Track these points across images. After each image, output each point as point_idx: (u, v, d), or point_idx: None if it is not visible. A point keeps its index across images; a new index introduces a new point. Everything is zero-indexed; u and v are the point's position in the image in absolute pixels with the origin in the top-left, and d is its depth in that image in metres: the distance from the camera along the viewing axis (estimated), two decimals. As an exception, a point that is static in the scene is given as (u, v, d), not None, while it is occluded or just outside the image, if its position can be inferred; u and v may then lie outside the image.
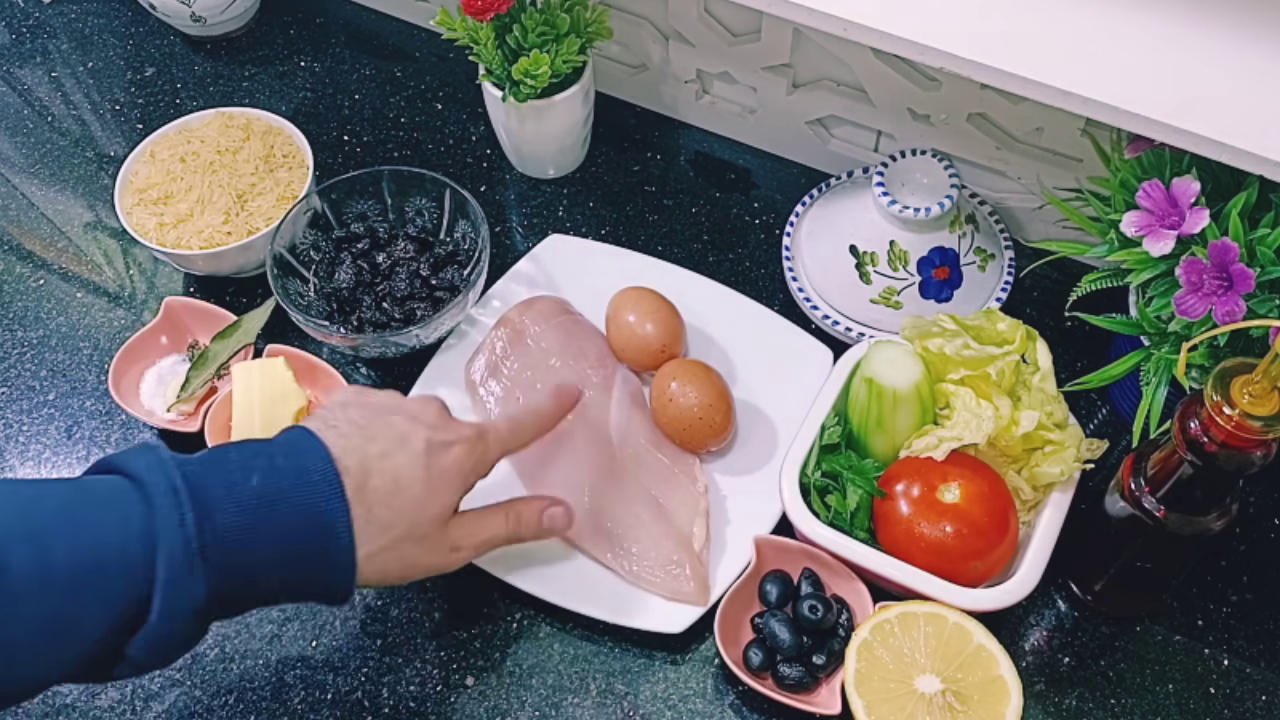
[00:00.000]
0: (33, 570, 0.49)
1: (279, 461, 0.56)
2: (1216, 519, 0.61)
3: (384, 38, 1.03)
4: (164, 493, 0.52)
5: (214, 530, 0.53)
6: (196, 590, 0.52)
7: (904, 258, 0.78)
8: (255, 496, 0.54)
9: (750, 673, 0.67)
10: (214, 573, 0.53)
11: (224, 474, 0.55)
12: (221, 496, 0.53)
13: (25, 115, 1.00)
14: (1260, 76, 0.60)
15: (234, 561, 0.53)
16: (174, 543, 0.51)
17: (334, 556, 0.56)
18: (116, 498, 0.53)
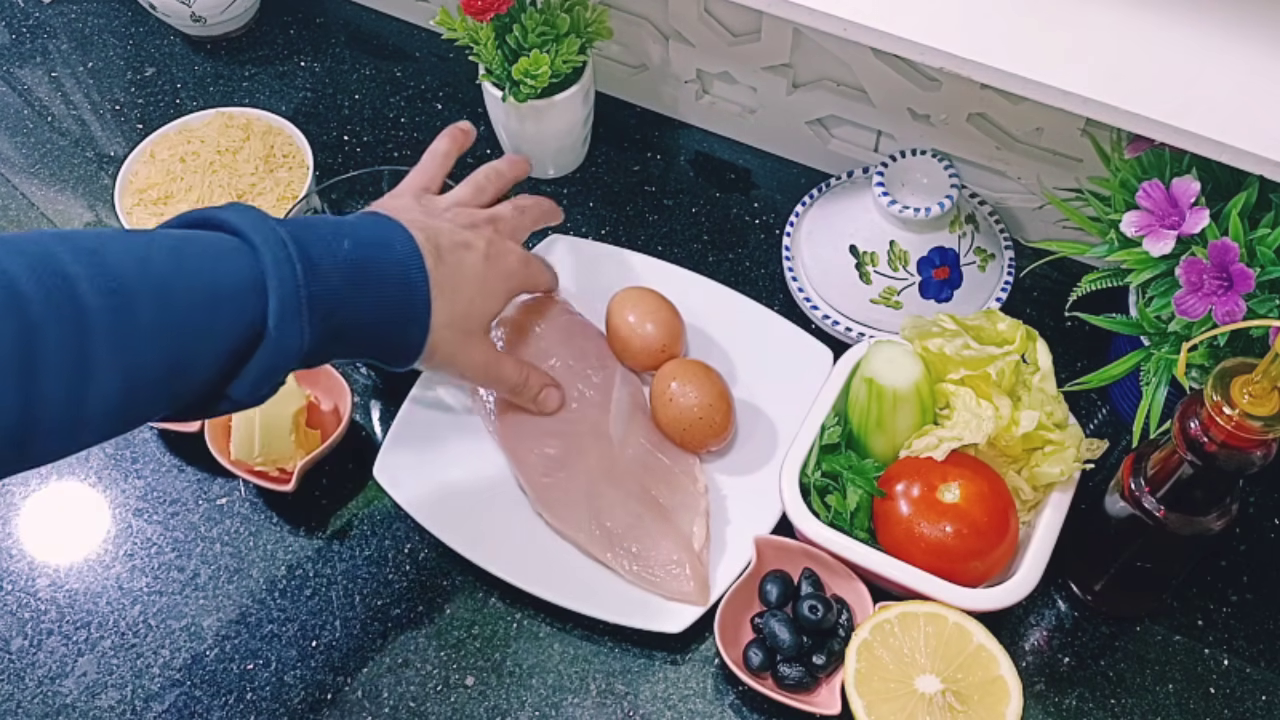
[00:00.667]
0: (158, 315, 0.52)
1: (363, 234, 0.61)
2: (1216, 519, 0.61)
3: (384, 38, 1.03)
4: (274, 245, 0.56)
5: (318, 280, 0.57)
6: (302, 334, 0.57)
7: (904, 258, 0.78)
8: (349, 257, 0.59)
9: (750, 673, 0.67)
10: (317, 320, 0.57)
11: (318, 236, 0.59)
12: (321, 253, 0.58)
13: (25, 115, 1.00)
14: (1261, 76, 0.60)
15: (334, 310, 0.58)
16: (285, 289, 0.56)
17: (415, 316, 0.63)
18: (227, 249, 0.56)
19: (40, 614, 0.74)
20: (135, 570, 0.75)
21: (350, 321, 0.59)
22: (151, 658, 0.72)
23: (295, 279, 0.56)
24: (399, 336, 0.63)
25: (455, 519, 0.73)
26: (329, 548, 0.75)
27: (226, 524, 0.77)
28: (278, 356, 0.56)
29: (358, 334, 0.60)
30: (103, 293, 0.50)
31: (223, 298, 0.54)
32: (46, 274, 0.49)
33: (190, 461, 0.79)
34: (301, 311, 0.56)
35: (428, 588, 0.73)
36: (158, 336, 0.52)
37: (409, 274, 0.62)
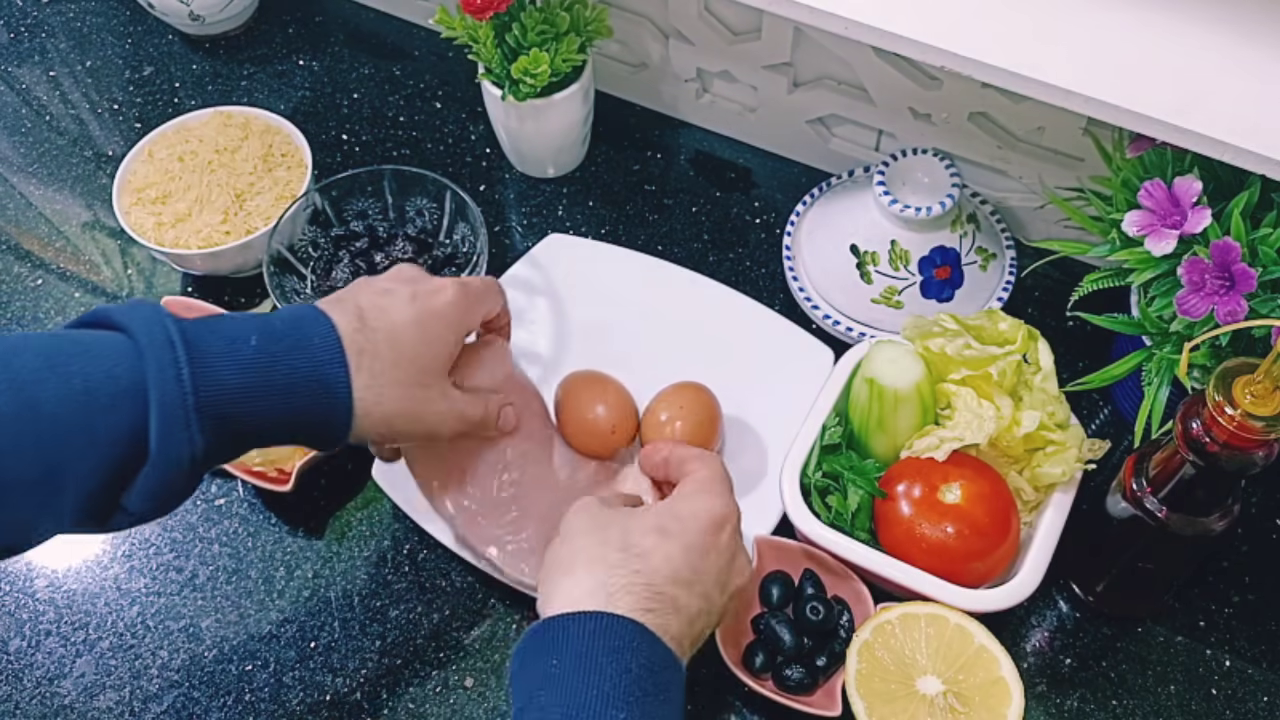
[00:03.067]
0: (19, 420, 0.48)
1: (277, 325, 0.56)
2: (1218, 520, 0.61)
3: (383, 37, 1.03)
4: (158, 345, 0.52)
5: (210, 385, 0.52)
6: (192, 444, 0.52)
7: (905, 257, 0.78)
8: (254, 354, 0.54)
9: (751, 674, 0.66)
10: (211, 426, 0.52)
11: (221, 333, 0.54)
12: (220, 352, 0.53)
13: (23, 114, 0.99)
14: (1262, 76, 0.60)
15: (232, 415, 0.53)
16: (168, 396, 0.51)
17: (334, 403, 0.56)
18: (107, 349, 0.52)
19: (38, 615, 0.73)
20: (133, 571, 0.75)
21: (254, 423, 0.54)
22: (150, 658, 0.71)
23: (180, 384, 0.51)
24: (319, 426, 0.57)
25: (454, 519, 0.72)
26: (328, 548, 0.75)
27: (225, 524, 0.76)
28: (165, 468, 0.51)
29: (267, 433, 0.55)
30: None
31: (97, 404, 0.50)
32: None
33: (189, 462, 0.79)
34: (188, 419, 0.51)
35: (427, 588, 0.73)
36: (19, 445, 0.48)
37: (325, 365, 0.56)
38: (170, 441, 0.51)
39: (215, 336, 0.54)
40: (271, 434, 0.56)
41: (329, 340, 0.56)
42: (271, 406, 0.54)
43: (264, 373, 0.54)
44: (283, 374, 0.54)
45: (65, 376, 0.50)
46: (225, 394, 0.53)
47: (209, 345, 0.53)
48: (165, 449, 0.51)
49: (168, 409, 0.51)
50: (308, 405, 0.55)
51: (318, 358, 0.56)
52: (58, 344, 0.51)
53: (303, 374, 0.55)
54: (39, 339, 0.52)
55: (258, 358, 0.54)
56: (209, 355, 0.53)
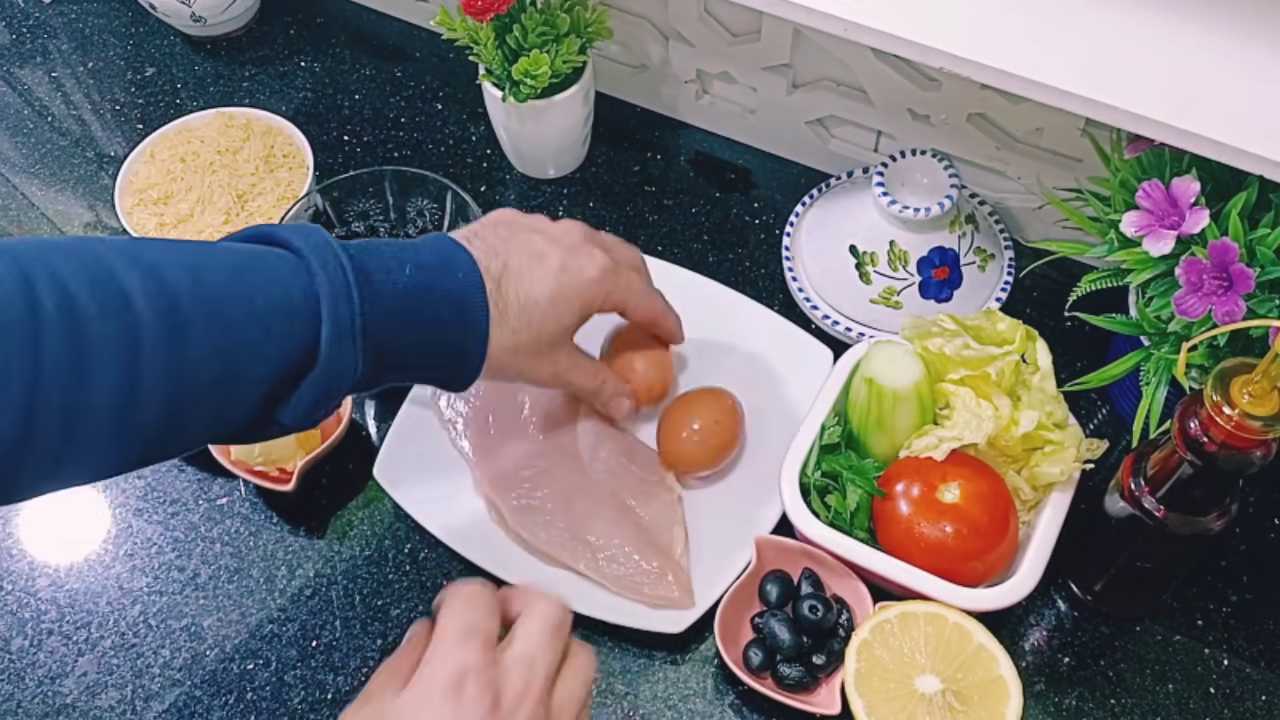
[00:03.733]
0: (209, 333, 0.51)
1: (427, 257, 0.59)
2: (1216, 519, 0.61)
3: (384, 38, 1.03)
4: (332, 269, 0.55)
5: (375, 308, 0.55)
6: (355, 363, 0.55)
7: (904, 258, 0.78)
8: (409, 284, 0.57)
9: (750, 672, 0.67)
10: (371, 347, 0.56)
11: (381, 260, 0.57)
12: (381, 280, 0.56)
13: (25, 115, 1.00)
14: (1260, 76, 0.60)
15: (388, 338, 0.56)
16: (340, 316, 0.54)
17: (470, 348, 0.60)
18: (284, 269, 0.54)
19: (40, 614, 0.74)
20: (135, 570, 0.75)
21: (402, 350, 0.58)
22: (151, 657, 0.72)
23: (351, 305, 0.55)
24: (452, 366, 0.61)
25: (455, 519, 0.73)
26: (329, 548, 0.75)
27: (227, 524, 0.77)
28: (330, 383, 0.55)
29: (410, 362, 0.59)
30: (158, 310, 0.50)
31: (275, 320, 0.53)
32: (103, 287, 0.49)
33: (190, 461, 0.79)
34: (355, 339, 0.55)
35: (428, 588, 0.73)
36: (208, 355, 0.51)
37: (466, 303, 0.60)
38: (336, 360, 0.54)
39: (375, 262, 0.57)
40: (414, 360, 0.59)
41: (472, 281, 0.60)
42: (419, 333, 0.58)
43: (419, 298, 0.58)
44: (433, 306, 0.58)
45: (248, 295, 0.53)
46: (386, 316, 0.56)
47: (373, 269, 0.56)
48: (331, 366, 0.54)
49: (339, 329, 0.54)
50: (449, 337, 0.59)
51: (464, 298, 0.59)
52: (240, 260, 0.54)
53: (450, 308, 0.59)
54: (222, 254, 0.54)
55: (412, 286, 0.57)
56: (374, 279, 0.56)
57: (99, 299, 0.48)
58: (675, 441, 0.73)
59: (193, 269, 0.52)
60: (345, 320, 0.54)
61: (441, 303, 0.58)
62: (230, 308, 0.52)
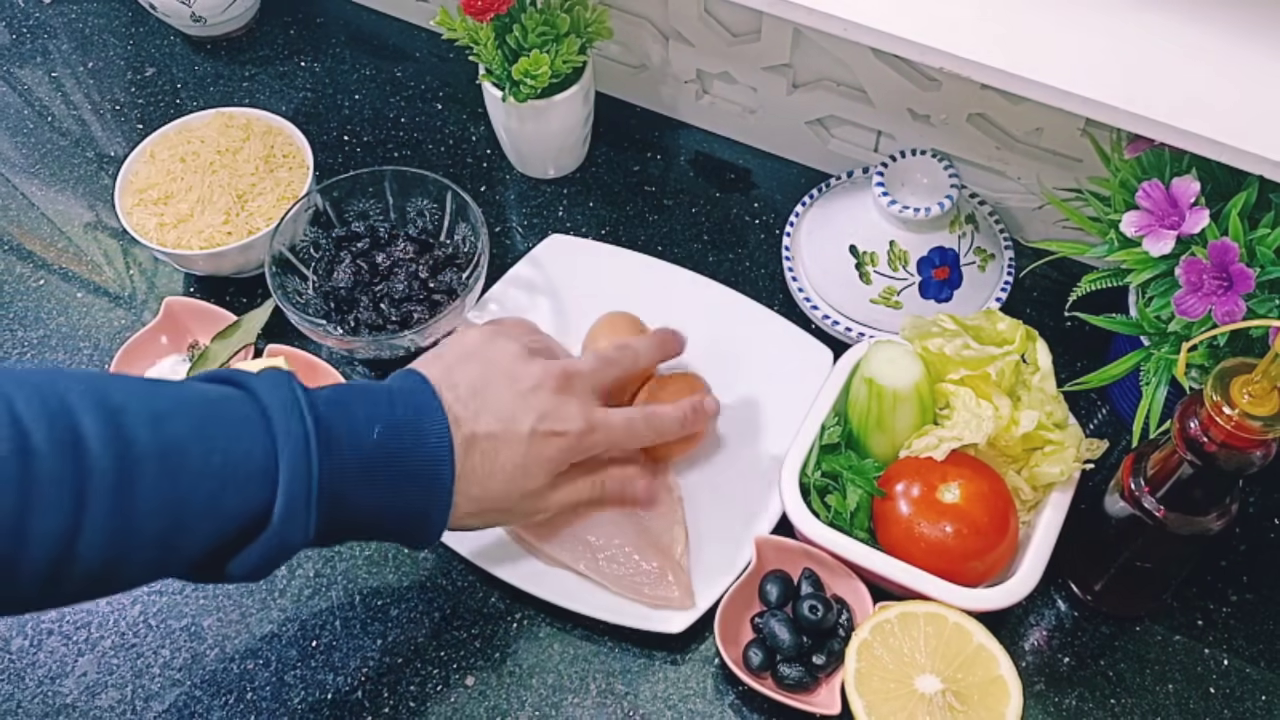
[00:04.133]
0: (161, 486, 0.50)
1: (400, 415, 0.58)
2: (1216, 519, 0.61)
3: (384, 38, 1.03)
4: (295, 437, 0.54)
5: (334, 478, 0.54)
6: (307, 529, 0.54)
7: (904, 258, 0.78)
8: (375, 449, 0.56)
9: (750, 673, 0.67)
10: (325, 511, 0.55)
11: (349, 421, 0.56)
12: (345, 445, 0.55)
13: (25, 115, 1.00)
14: (1260, 76, 0.60)
15: (344, 504, 0.55)
16: (296, 485, 0.53)
17: (431, 518, 0.59)
18: (247, 427, 0.54)
19: (40, 614, 0.74)
20: (135, 570, 0.75)
21: (360, 515, 0.57)
22: (151, 657, 0.72)
23: (309, 477, 0.53)
24: (412, 531, 0.60)
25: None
26: (329, 547, 0.75)
27: (226, 524, 0.77)
28: (280, 548, 0.54)
29: (367, 526, 0.58)
30: (111, 456, 0.49)
31: (231, 480, 0.52)
32: (59, 427, 0.48)
33: (190, 461, 0.79)
34: (310, 508, 0.54)
35: (428, 588, 0.73)
36: (157, 508, 0.50)
37: (432, 471, 0.58)
38: (290, 523, 0.53)
39: (343, 424, 0.56)
40: (370, 525, 0.58)
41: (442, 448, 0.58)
42: (379, 499, 0.57)
43: (382, 466, 0.56)
44: (396, 473, 0.57)
45: (208, 450, 0.52)
46: (344, 486, 0.55)
47: (338, 433, 0.55)
48: (284, 529, 0.53)
49: (293, 497, 0.53)
50: (409, 505, 0.58)
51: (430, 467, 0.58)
52: (206, 413, 0.53)
53: (413, 477, 0.58)
54: (190, 404, 0.53)
55: (377, 452, 0.56)
56: (335, 447, 0.55)
57: (53, 438, 0.47)
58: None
59: (154, 416, 0.51)
60: (301, 491, 0.53)
61: (406, 471, 0.57)
62: (187, 461, 0.51)
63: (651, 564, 0.70)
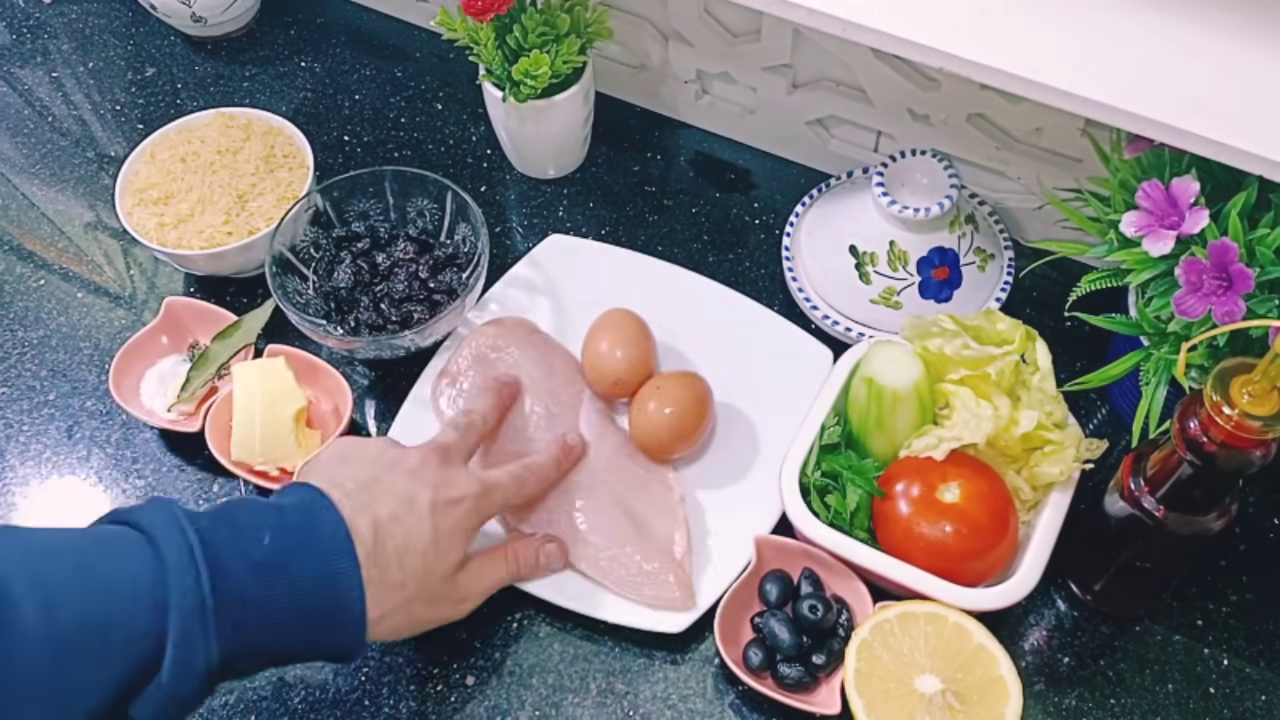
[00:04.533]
0: (40, 622, 0.49)
1: (289, 519, 0.57)
2: (1216, 519, 0.61)
3: (384, 38, 1.04)
4: (178, 550, 0.52)
5: (227, 588, 0.53)
6: (209, 649, 0.52)
7: (903, 258, 0.78)
8: (267, 555, 0.55)
9: (750, 672, 0.67)
10: (227, 631, 0.53)
11: (235, 531, 0.55)
12: (234, 554, 0.54)
13: (26, 115, 1.00)
14: (1260, 76, 0.60)
15: (246, 620, 0.53)
16: (188, 601, 0.51)
17: (346, 617, 0.57)
18: (129, 553, 0.52)
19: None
20: (135, 570, 0.75)
21: (266, 630, 0.54)
22: (152, 657, 0.72)
23: (199, 590, 0.51)
24: (330, 640, 0.58)
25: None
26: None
27: (227, 524, 0.77)
28: (180, 678, 0.51)
29: (279, 642, 0.56)
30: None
31: (118, 608, 0.50)
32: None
33: (190, 461, 0.79)
34: (206, 626, 0.52)
35: (428, 587, 0.73)
36: (40, 650, 0.48)
37: (336, 568, 0.56)
38: (186, 648, 0.51)
39: (229, 535, 0.54)
40: (283, 643, 0.56)
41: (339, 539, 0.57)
42: (283, 609, 0.54)
43: (277, 569, 0.55)
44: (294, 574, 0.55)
45: (89, 583, 0.50)
46: (240, 596, 0.53)
47: (224, 546, 0.54)
48: (181, 656, 0.51)
49: (186, 615, 0.51)
50: (321, 608, 0.56)
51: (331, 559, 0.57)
52: (85, 547, 0.52)
53: (315, 574, 0.56)
54: (69, 540, 0.52)
55: (269, 557, 0.55)
56: (224, 557, 0.53)
57: None
58: (647, 424, 0.73)
59: (30, 556, 0.50)
60: (193, 606, 0.51)
61: (305, 571, 0.55)
62: (67, 598, 0.49)
63: (652, 564, 0.70)
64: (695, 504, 0.74)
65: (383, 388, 0.82)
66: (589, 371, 0.77)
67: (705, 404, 0.74)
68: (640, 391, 0.75)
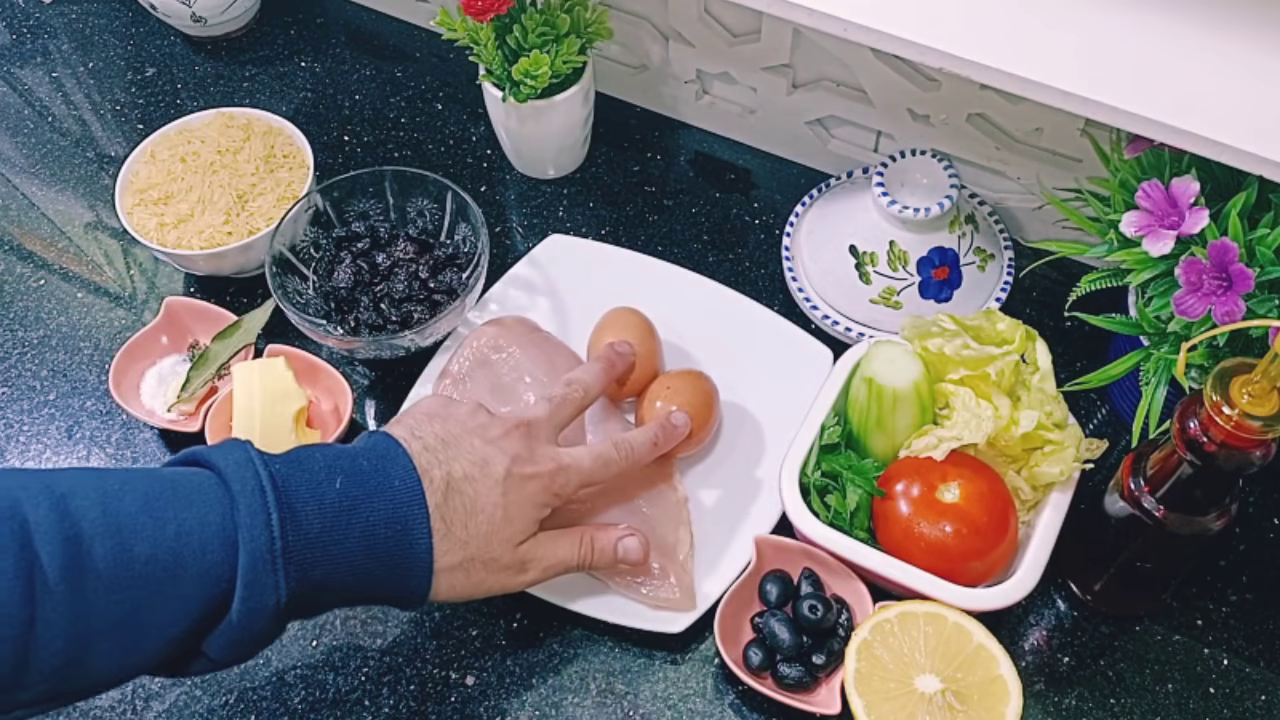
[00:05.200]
0: (114, 564, 0.49)
1: (363, 464, 0.57)
2: (1216, 519, 0.61)
3: (384, 38, 1.04)
4: (250, 491, 0.53)
5: (297, 531, 0.53)
6: (278, 589, 0.53)
7: (903, 258, 0.78)
8: (339, 498, 0.55)
9: (750, 672, 0.67)
10: (295, 572, 0.53)
11: (309, 474, 0.55)
12: (306, 498, 0.54)
13: (26, 115, 1.00)
14: (1260, 76, 0.60)
15: (316, 560, 0.54)
16: (258, 542, 0.52)
17: (412, 564, 0.57)
18: (201, 493, 0.53)
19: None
20: (136, 570, 0.75)
21: (335, 573, 0.55)
22: (152, 657, 0.72)
23: (269, 531, 0.52)
24: (397, 586, 0.58)
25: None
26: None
27: (227, 524, 0.77)
28: (250, 616, 0.52)
29: (346, 586, 0.56)
30: (58, 541, 0.48)
31: (188, 550, 0.51)
32: (5, 519, 0.47)
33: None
34: (275, 565, 0.52)
35: (428, 587, 0.73)
36: (113, 589, 0.49)
37: (406, 516, 0.57)
38: (256, 588, 0.52)
39: (302, 478, 0.55)
40: (349, 583, 0.56)
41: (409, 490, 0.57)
42: (352, 551, 0.55)
43: (348, 514, 0.55)
44: (364, 521, 0.55)
45: (160, 522, 0.51)
46: (310, 539, 0.54)
47: (296, 489, 0.54)
48: (250, 596, 0.52)
49: (256, 556, 0.52)
50: (389, 553, 0.56)
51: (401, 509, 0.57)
52: (157, 487, 0.52)
53: (385, 522, 0.56)
54: (140, 480, 0.52)
55: (341, 501, 0.55)
56: (296, 499, 0.54)
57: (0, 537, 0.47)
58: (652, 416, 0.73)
59: (103, 496, 0.50)
60: (263, 547, 0.52)
61: (375, 516, 0.56)
62: (139, 536, 0.50)
63: (654, 565, 0.70)
64: (695, 503, 0.74)
65: (383, 388, 0.82)
66: None
67: (712, 403, 0.74)
68: (648, 390, 0.75)
